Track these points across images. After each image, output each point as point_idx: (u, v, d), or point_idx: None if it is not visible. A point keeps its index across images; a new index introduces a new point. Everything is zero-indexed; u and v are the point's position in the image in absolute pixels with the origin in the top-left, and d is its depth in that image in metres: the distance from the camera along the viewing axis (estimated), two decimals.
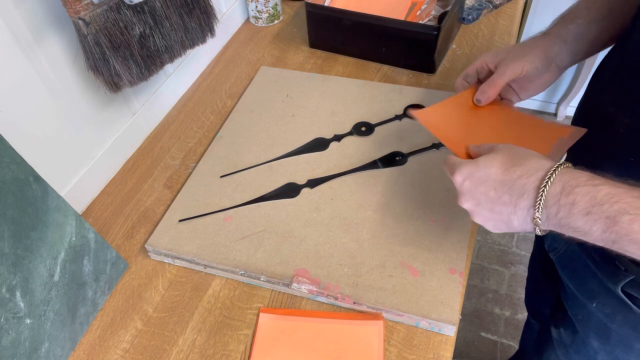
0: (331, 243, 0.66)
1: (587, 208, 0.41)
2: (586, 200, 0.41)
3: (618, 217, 0.39)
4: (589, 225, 0.41)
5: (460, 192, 0.50)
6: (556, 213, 0.43)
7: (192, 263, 0.67)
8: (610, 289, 0.58)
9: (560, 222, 0.43)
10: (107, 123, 0.79)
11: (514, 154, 0.48)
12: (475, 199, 0.49)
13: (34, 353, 0.54)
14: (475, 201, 0.49)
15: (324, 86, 0.90)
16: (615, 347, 0.62)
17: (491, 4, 1.06)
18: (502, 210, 0.47)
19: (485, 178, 0.47)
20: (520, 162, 0.46)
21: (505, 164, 0.47)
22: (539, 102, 2.11)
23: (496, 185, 0.46)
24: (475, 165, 0.49)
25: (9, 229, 0.50)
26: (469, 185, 0.49)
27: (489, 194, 0.47)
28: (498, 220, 0.48)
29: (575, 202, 0.41)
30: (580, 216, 0.41)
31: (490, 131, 0.62)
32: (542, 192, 0.43)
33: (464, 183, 0.49)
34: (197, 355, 0.60)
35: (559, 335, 0.73)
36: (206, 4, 0.77)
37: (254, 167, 0.77)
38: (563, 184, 0.42)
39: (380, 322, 0.60)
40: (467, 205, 0.50)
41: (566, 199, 0.42)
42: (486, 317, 1.51)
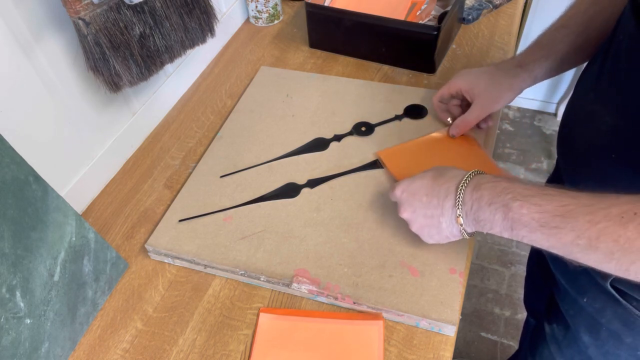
0: (331, 243, 0.66)
1: (490, 199, 0.50)
2: (488, 193, 0.50)
3: (510, 203, 0.47)
4: (493, 214, 0.49)
5: (400, 203, 0.60)
6: (471, 207, 0.52)
7: (192, 263, 0.67)
8: (599, 284, 0.59)
9: (475, 216, 0.51)
10: (107, 123, 0.79)
11: (442, 169, 0.58)
12: (411, 206, 0.58)
13: (34, 353, 0.54)
14: (411, 208, 0.58)
15: (324, 86, 0.90)
16: (605, 341, 0.63)
17: (491, 4, 1.06)
18: (434, 213, 0.56)
19: (419, 187, 0.58)
20: (445, 173, 0.56)
21: (434, 175, 0.57)
22: (538, 102, 2.11)
23: (427, 191, 0.56)
24: (411, 179, 0.60)
25: (9, 229, 0.50)
26: (406, 196, 0.59)
27: (422, 199, 0.57)
28: (431, 226, 0.57)
29: (482, 196, 0.50)
30: (486, 207, 0.50)
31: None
32: (460, 191, 0.53)
33: (402, 194, 0.59)
34: (197, 355, 0.60)
35: (551, 331, 0.74)
36: (206, 4, 0.77)
37: (254, 167, 0.77)
38: (474, 183, 0.52)
39: (380, 322, 0.60)
40: (405, 215, 0.59)
41: (476, 194, 0.51)
42: (486, 317, 1.51)
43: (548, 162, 1.94)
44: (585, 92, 0.60)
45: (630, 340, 0.60)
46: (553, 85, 2.03)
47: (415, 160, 0.74)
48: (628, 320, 0.58)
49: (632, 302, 0.56)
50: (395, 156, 0.75)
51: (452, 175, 0.55)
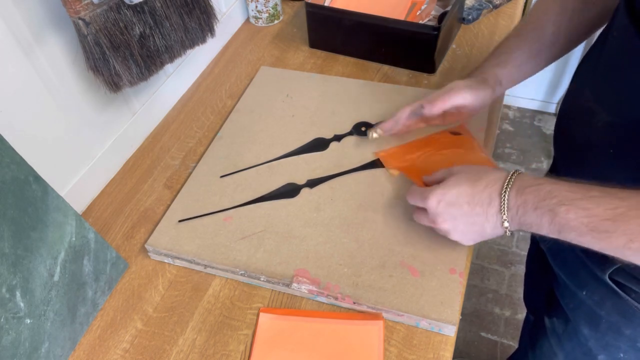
0: (331, 243, 0.66)
1: (535, 204, 0.48)
2: (533, 197, 0.49)
3: (557, 208, 0.46)
4: (539, 218, 0.48)
5: (436, 214, 0.56)
6: (516, 212, 0.50)
7: (192, 263, 0.67)
8: (598, 277, 0.59)
9: (521, 221, 0.50)
10: (107, 123, 0.79)
11: (474, 171, 0.56)
12: (451, 216, 0.55)
13: (34, 353, 0.54)
14: (452, 218, 0.55)
15: (324, 86, 0.90)
16: (605, 333, 0.64)
17: (491, 4, 1.06)
18: (476, 220, 0.54)
19: (457, 195, 0.54)
20: (482, 176, 0.54)
21: (470, 179, 0.54)
22: (539, 102, 2.11)
23: (468, 198, 0.54)
24: (445, 187, 0.56)
25: (9, 229, 0.50)
26: (444, 206, 0.55)
27: (463, 208, 0.54)
28: (474, 232, 0.55)
29: (527, 200, 0.49)
30: (531, 212, 0.49)
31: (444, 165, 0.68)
32: (504, 197, 0.51)
33: (438, 205, 0.56)
34: (197, 355, 0.60)
35: (551, 324, 0.74)
36: (206, 4, 0.77)
37: (254, 167, 0.77)
38: (517, 186, 0.51)
39: (380, 322, 0.60)
40: (445, 226, 0.56)
41: (520, 198, 0.50)
42: (486, 317, 1.51)
43: (548, 162, 1.94)
44: (580, 89, 0.60)
45: (629, 331, 0.60)
46: (553, 85, 2.03)
47: (415, 160, 0.74)
48: (627, 312, 0.59)
49: (631, 294, 0.56)
50: (395, 156, 0.75)
51: (492, 179, 0.53)
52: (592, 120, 0.55)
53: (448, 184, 0.56)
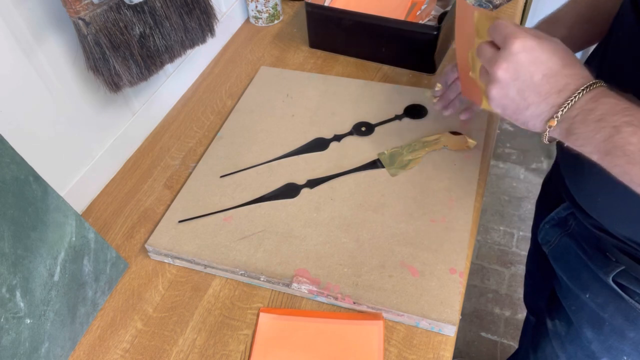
0: (331, 243, 0.66)
1: (602, 115, 0.43)
2: (604, 109, 0.43)
3: (623, 127, 0.41)
4: (595, 132, 0.43)
5: (508, 59, 0.47)
6: (575, 116, 0.44)
7: (192, 263, 0.67)
8: (601, 280, 0.59)
9: (572, 127, 0.44)
10: (107, 123, 0.79)
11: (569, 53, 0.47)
12: (517, 73, 0.46)
13: (34, 353, 0.54)
14: (514, 75, 0.47)
15: (324, 86, 0.90)
16: (608, 336, 0.63)
17: (491, 4, 1.06)
18: (531, 97, 0.46)
19: (543, 60, 0.46)
20: (574, 65, 0.46)
21: (565, 58, 0.46)
22: None
23: (548, 72, 0.46)
24: (539, 42, 0.46)
25: (9, 229, 0.50)
26: (523, 58, 0.46)
27: (534, 76, 0.46)
28: (517, 105, 0.47)
29: (595, 108, 0.43)
30: (591, 122, 0.43)
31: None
32: (577, 94, 0.44)
33: (520, 53, 0.46)
34: (197, 355, 0.60)
35: (554, 327, 0.74)
36: (206, 4, 0.77)
37: (254, 167, 0.77)
38: (595, 93, 0.44)
39: (380, 322, 0.60)
40: (502, 75, 0.47)
41: (590, 104, 0.43)
42: (486, 317, 1.51)
43: (548, 162, 1.94)
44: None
45: (633, 334, 0.60)
46: None
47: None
48: (631, 315, 0.58)
49: (635, 297, 0.56)
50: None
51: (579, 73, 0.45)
52: None
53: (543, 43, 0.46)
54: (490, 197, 1.83)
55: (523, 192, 1.85)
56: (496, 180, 1.89)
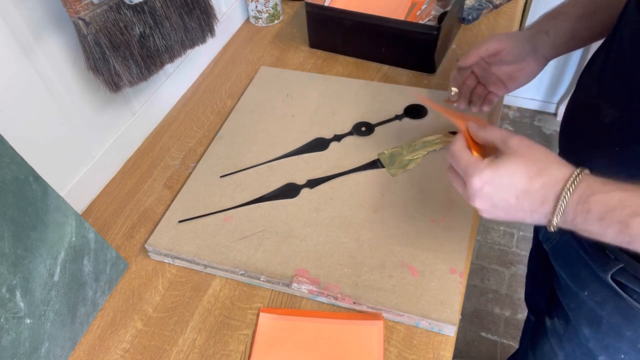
0: (331, 243, 0.66)
1: (600, 214, 0.43)
2: (600, 208, 0.43)
3: (630, 220, 0.41)
4: (604, 229, 0.43)
5: (475, 195, 0.48)
6: (572, 219, 0.44)
7: (192, 263, 0.67)
8: (600, 278, 0.59)
9: (576, 227, 0.44)
10: (107, 123, 0.79)
11: (536, 159, 0.47)
12: (492, 202, 0.48)
13: (34, 353, 0.54)
14: (491, 203, 0.48)
15: (324, 86, 0.90)
16: (606, 335, 0.63)
17: (491, 4, 1.06)
18: (519, 215, 0.47)
19: (507, 185, 0.46)
20: (543, 171, 0.46)
21: (528, 171, 0.46)
22: (539, 102, 2.11)
23: (519, 194, 0.46)
24: (496, 170, 0.47)
25: (9, 229, 0.50)
26: (488, 190, 0.47)
27: (509, 200, 0.47)
28: (510, 219, 0.48)
29: (590, 209, 0.43)
30: (595, 222, 0.43)
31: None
32: (562, 202, 0.44)
33: (482, 187, 0.47)
34: (197, 355, 0.60)
35: (552, 325, 0.74)
36: (206, 4, 0.77)
37: (254, 167, 0.77)
38: (580, 194, 0.44)
39: (380, 322, 0.60)
40: (480, 206, 0.49)
41: (582, 207, 0.43)
42: (486, 317, 1.51)
43: None
44: (588, 86, 0.59)
45: (630, 333, 0.60)
46: (553, 85, 2.03)
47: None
48: (629, 313, 0.58)
49: (633, 295, 0.56)
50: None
51: (553, 180, 0.45)
52: (599, 116, 0.55)
53: (501, 169, 0.47)
54: None
55: None
56: None
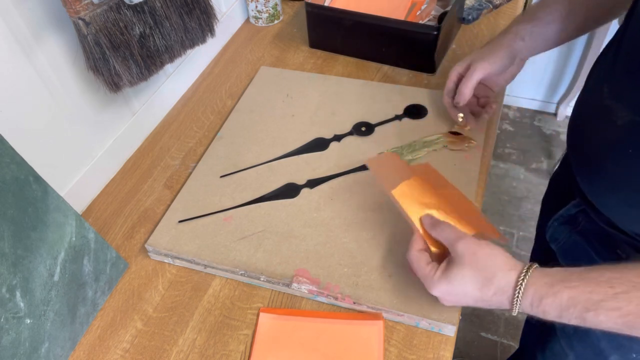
0: (331, 243, 0.66)
1: (557, 314, 0.46)
2: (554, 309, 0.46)
3: (584, 315, 0.44)
4: (565, 321, 0.46)
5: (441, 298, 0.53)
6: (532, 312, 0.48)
7: (192, 263, 0.67)
8: None
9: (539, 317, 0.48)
10: (107, 123, 0.79)
11: (481, 267, 0.50)
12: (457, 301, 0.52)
13: (34, 353, 0.54)
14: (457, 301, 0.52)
15: (324, 86, 0.90)
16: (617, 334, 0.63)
17: (491, 4, 1.06)
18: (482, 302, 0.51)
19: (463, 294, 0.50)
20: (490, 281, 0.49)
21: (477, 282, 0.49)
22: (539, 102, 2.11)
23: (476, 300, 0.50)
24: (449, 283, 0.51)
25: (9, 229, 0.50)
26: (449, 298, 0.52)
27: (469, 303, 0.51)
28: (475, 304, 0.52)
29: (546, 311, 0.47)
30: (554, 319, 0.47)
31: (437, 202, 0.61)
32: (516, 305, 0.48)
33: (442, 297, 0.52)
34: (197, 355, 0.60)
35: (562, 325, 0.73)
36: (206, 4, 0.77)
37: (254, 167, 0.77)
38: (531, 298, 0.47)
39: (380, 322, 0.60)
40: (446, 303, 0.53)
41: (537, 309, 0.47)
42: (486, 317, 1.51)
43: (548, 162, 1.94)
44: (597, 87, 0.59)
45: None
46: (553, 85, 2.03)
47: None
48: None
49: None
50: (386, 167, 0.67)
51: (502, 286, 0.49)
52: (611, 118, 0.54)
53: (452, 280, 0.51)
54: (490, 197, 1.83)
55: (523, 192, 1.85)
56: (496, 180, 1.89)
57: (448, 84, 0.76)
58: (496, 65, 0.70)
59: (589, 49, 1.80)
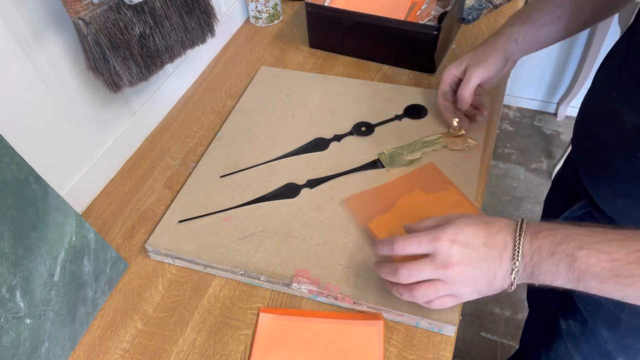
0: (331, 243, 0.66)
1: (550, 249, 0.45)
2: (548, 242, 0.45)
3: (576, 252, 0.44)
4: (556, 265, 0.45)
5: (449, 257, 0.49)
6: (530, 259, 0.46)
7: (192, 263, 0.67)
8: None
9: (534, 270, 0.46)
10: (107, 123, 0.79)
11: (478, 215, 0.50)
12: (467, 259, 0.49)
13: (34, 353, 0.54)
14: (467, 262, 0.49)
15: (324, 86, 0.90)
16: (625, 335, 0.63)
17: (491, 4, 1.06)
18: (491, 266, 0.48)
19: (472, 234, 0.49)
20: (492, 220, 0.49)
21: (481, 221, 0.49)
22: (538, 102, 2.11)
23: (484, 239, 0.48)
24: (454, 227, 0.49)
25: (9, 229, 0.50)
26: (458, 247, 0.49)
27: (479, 251, 0.48)
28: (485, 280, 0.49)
29: (542, 245, 0.46)
30: (547, 258, 0.45)
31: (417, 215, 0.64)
32: (518, 241, 0.47)
33: (452, 246, 0.49)
34: (197, 355, 0.60)
35: (567, 326, 0.73)
36: (206, 4, 0.77)
37: (254, 167, 0.77)
38: (531, 232, 0.47)
39: (380, 322, 0.60)
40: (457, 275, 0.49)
41: (535, 243, 0.46)
42: (486, 317, 1.51)
43: (548, 162, 1.94)
44: (605, 90, 0.59)
45: None
46: (553, 85, 2.03)
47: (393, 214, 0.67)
48: None
49: None
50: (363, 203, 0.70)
51: (505, 224, 0.49)
52: (619, 122, 0.55)
53: (457, 224, 0.49)
54: (490, 197, 1.83)
55: (523, 192, 1.85)
56: (496, 180, 1.89)
57: (443, 87, 0.76)
58: (491, 70, 0.71)
59: (589, 49, 1.80)
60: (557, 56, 1.92)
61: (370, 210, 0.68)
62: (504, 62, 0.71)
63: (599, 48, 1.77)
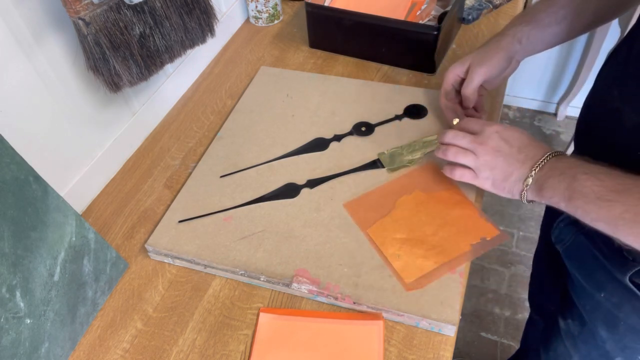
0: (331, 243, 0.66)
1: (563, 170, 0.53)
2: (564, 165, 0.54)
3: (579, 175, 0.51)
4: (559, 182, 0.53)
5: (488, 139, 0.60)
6: (544, 174, 0.55)
7: (192, 263, 0.67)
8: (617, 279, 0.58)
9: (542, 183, 0.55)
10: (107, 123, 0.79)
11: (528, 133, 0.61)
12: (499, 148, 0.59)
13: (34, 353, 0.54)
14: (497, 151, 0.59)
15: (324, 86, 0.90)
16: (623, 336, 0.63)
17: (491, 4, 1.06)
18: (513, 164, 0.58)
19: (515, 137, 0.60)
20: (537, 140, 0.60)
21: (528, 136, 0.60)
22: (538, 102, 2.11)
23: (522, 144, 0.59)
24: (506, 126, 0.61)
25: (9, 229, 0.50)
26: (497, 138, 0.60)
27: (512, 149, 0.59)
28: (502, 171, 0.59)
29: (558, 166, 0.54)
30: (556, 175, 0.54)
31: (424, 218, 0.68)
32: (546, 157, 0.56)
33: (495, 134, 0.60)
34: (197, 355, 0.60)
35: (566, 326, 0.73)
36: (206, 4, 0.77)
37: (254, 167, 0.77)
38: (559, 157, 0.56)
39: (380, 322, 0.60)
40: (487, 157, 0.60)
41: (555, 164, 0.55)
42: (486, 317, 1.51)
43: None
44: (607, 89, 0.59)
45: None
46: (553, 85, 2.03)
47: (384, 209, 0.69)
48: None
49: None
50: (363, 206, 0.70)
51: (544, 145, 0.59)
52: (621, 121, 0.55)
53: (510, 126, 0.60)
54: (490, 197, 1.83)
55: None
56: None
57: (445, 86, 0.76)
58: (494, 70, 0.72)
59: (589, 49, 1.80)
60: (557, 56, 1.92)
61: (369, 214, 0.68)
62: (507, 62, 0.71)
63: (598, 48, 1.77)
